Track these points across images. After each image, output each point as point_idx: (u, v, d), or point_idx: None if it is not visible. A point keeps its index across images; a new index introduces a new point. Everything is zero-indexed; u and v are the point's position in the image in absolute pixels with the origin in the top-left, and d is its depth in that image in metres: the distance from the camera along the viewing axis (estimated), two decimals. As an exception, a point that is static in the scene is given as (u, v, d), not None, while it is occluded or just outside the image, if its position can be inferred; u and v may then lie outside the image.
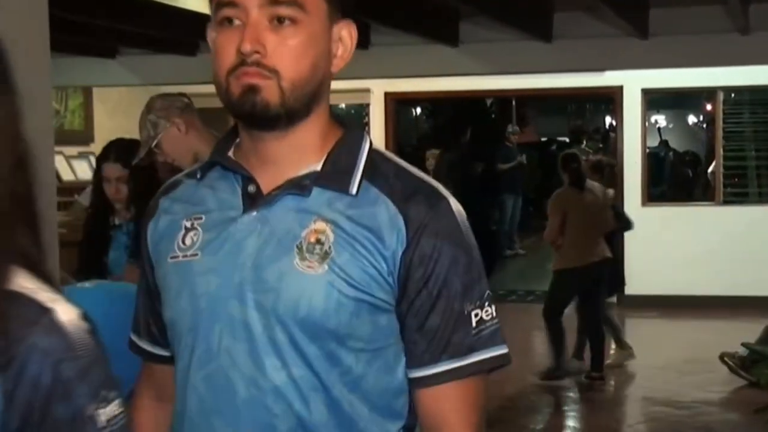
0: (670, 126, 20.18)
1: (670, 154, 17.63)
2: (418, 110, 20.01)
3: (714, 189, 12.04)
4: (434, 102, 17.80)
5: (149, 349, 1.88)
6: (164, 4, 7.35)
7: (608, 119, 20.84)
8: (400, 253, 1.63)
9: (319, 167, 1.68)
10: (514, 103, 19.29)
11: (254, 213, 1.67)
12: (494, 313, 1.70)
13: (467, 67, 10.64)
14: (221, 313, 1.65)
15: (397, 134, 12.76)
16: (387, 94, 12.17)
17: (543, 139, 21.82)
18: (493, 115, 19.63)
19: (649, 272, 11.43)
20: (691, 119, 20.39)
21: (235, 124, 1.75)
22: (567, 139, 21.62)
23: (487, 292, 1.70)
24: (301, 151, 1.68)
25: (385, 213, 1.64)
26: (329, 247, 1.62)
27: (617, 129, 12.22)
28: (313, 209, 1.65)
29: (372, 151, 1.72)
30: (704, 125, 18.28)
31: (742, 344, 7.98)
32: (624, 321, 11.48)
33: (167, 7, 7.44)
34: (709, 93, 12.83)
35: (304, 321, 1.61)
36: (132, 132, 4.59)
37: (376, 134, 12.22)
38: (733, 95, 11.99)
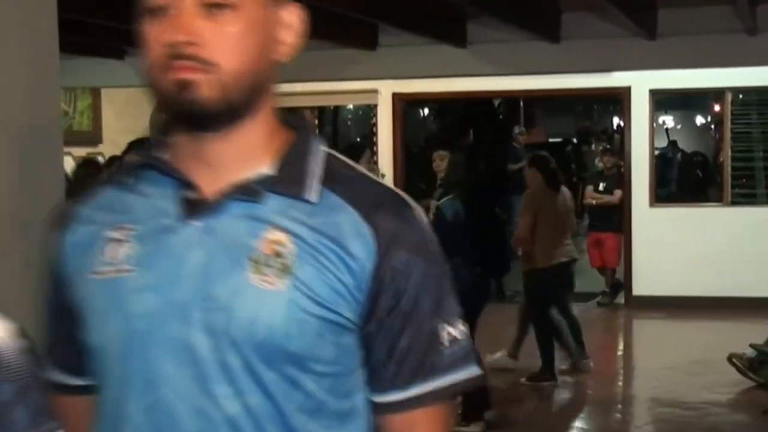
0: (678, 127, 20.18)
1: (678, 155, 17.60)
2: (426, 111, 20.00)
3: (722, 190, 12.02)
4: (442, 103, 17.78)
5: (60, 380, 1.62)
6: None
7: (616, 120, 20.83)
8: (370, 269, 1.46)
9: (270, 171, 1.49)
10: (521, 103, 19.28)
11: (196, 222, 1.47)
12: (465, 330, 1.56)
13: (475, 67, 10.64)
14: (161, 336, 1.45)
15: (405, 135, 12.77)
16: (395, 95, 12.18)
17: (554, 140, 21.80)
18: (500, 116, 19.62)
19: (657, 273, 11.42)
20: (699, 120, 20.38)
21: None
22: (575, 140, 21.63)
23: (457, 308, 1.56)
24: (246, 151, 1.50)
25: (350, 222, 1.47)
26: (290, 260, 1.44)
27: (625, 130, 12.20)
28: (267, 217, 1.47)
29: (328, 155, 1.55)
30: (712, 126, 18.26)
31: (750, 345, 7.99)
32: (631, 322, 11.50)
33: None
34: (717, 94, 12.82)
35: (262, 343, 1.43)
36: (139, 133, 4.61)
37: (384, 135, 12.24)
38: (741, 96, 11.97)
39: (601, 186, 12.12)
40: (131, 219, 1.51)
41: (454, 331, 1.53)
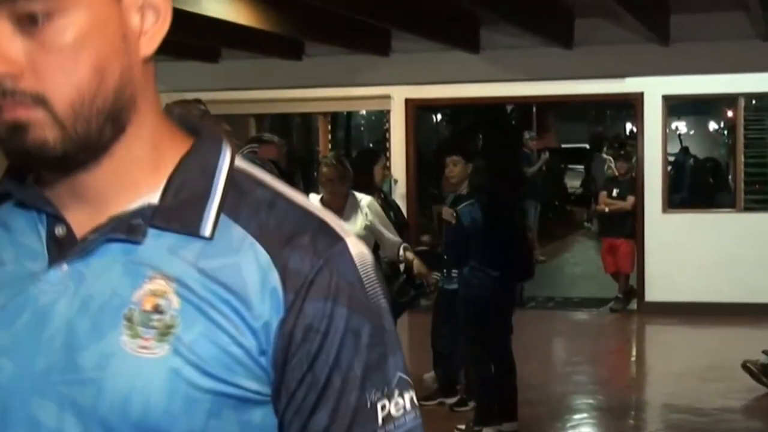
0: (691, 132, 20.19)
1: (691, 160, 17.59)
2: (439, 116, 20.05)
3: (735, 196, 12.00)
4: (455, 108, 17.82)
5: None
6: (186, 10, 7.38)
7: (629, 126, 20.84)
8: (275, 324, 1.10)
9: (156, 198, 1.14)
10: (534, 109, 19.32)
11: (64, 267, 1.13)
12: (410, 405, 1.15)
13: (488, 73, 10.66)
14: (18, 414, 1.13)
15: (417, 140, 12.79)
16: (408, 101, 12.20)
17: (566, 145, 21.81)
18: (513, 122, 19.65)
19: (670, 279, 11.40)
20: (712, 126, 20.40)
21: None
22: (587, 146, 21.64)
23: (400, 374, 1.15)
24: (127, 177, 1.15)
25: (254, 264, 1.11)
26: (172, 318, 1.10)
27: (638, 135, 12.19)
28: (149, 261, 1.12)
29: (234, 169, 1.17)
30: (725, 132, 18.26)
31: (764, 351, 7.97)
32: (644, 328, 11.49)
33: (189, 14, 7.48)
34: (729, 99, 12.81)
35: (139, 426, 1.09)
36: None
37: (397, 141, 12.25)
38: (754, 102, 11.97)
39: (615, 192, 12.12)
40: None
41: (392, 405, 1.14)
